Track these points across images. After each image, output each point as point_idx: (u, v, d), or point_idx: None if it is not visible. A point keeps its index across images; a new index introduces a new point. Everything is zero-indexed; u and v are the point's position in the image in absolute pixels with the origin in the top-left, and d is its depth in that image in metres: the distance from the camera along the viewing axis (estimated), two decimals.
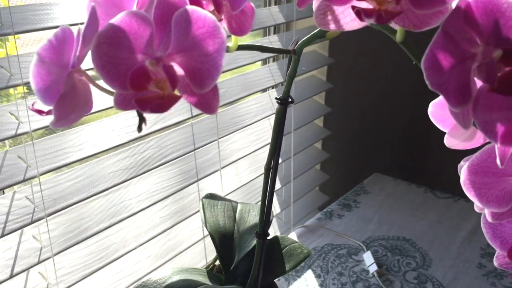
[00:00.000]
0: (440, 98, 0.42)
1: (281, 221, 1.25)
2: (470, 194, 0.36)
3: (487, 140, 0.35)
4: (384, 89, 1.55)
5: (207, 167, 0.97)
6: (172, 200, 0.94)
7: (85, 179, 0.77)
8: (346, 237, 1.06)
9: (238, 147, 1.05)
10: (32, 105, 0.33)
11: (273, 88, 1.17)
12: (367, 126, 1.52)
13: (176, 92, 0.31)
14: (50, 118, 0.31)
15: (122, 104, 0.32)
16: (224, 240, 0.68)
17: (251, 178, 1.08)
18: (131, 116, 0.83)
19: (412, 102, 1.63)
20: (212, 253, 1.02)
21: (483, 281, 0.92)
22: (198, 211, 0.96)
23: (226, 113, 1.02)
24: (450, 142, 0.43)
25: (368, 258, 0.97)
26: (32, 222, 0.69)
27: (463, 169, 0.37)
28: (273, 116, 1.18)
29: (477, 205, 0.37)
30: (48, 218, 0.72)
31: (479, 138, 0.42)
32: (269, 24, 1.03)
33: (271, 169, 0.53)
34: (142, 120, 0.33)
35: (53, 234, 0.75)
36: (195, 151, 0.97)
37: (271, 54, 1.05)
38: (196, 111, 0.90)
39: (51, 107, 0.31)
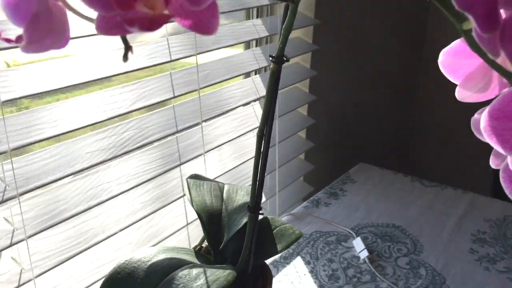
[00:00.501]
0: (452, 45, 0.39)
1: (266, 211, 1.21)
2: (492, 141, 0.33)
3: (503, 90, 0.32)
4: (368, 75, 1.53)
5: (190, 151, 0.92)
6: (154, 185, 0.90)
7: (61, 158, 0.72)
8: (335, 224, 1.03)
9: (221, 132, 1.01)
10: (0, 33, 0.28)
11: (256, 73, 1.13)
12: (351, 115, 1.50)
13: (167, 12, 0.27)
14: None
15: (105, 28, 0.27)
16: (211, 219, 0.63)
17: (235, 164, 1.04)
18: (110, 94, 0.78)
19: (398, 90, 1.62)
20: (196, 241, 0.97)
21: (476, 266, 0.90)
22: (182, 196, 0.92)
23: (210, 96, 0.98)
24: (462, 94, 0.40)
25: (358, 244, 0.94)
26: (3, 201, 0.63)
27: (483, 115, 0.33)
28: (257, 103, 1.14)
29: (501, 152, 0.33)
30: (21, 199, 0.67)
31: (494, 88, 0.39)
32: (253, 5, 0.99)
33: (263, 135, 0.49)
34: (128, 48, 0.29)
35: (27, 216, 0.69)
36: (178, 134, 0.93)
37: (254, 37, 1.02)
38: (178, 90, 0.86)
39: (21, 32, 0.27)
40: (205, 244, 0.68)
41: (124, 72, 0.76)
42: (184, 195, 0.92)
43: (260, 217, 0.58)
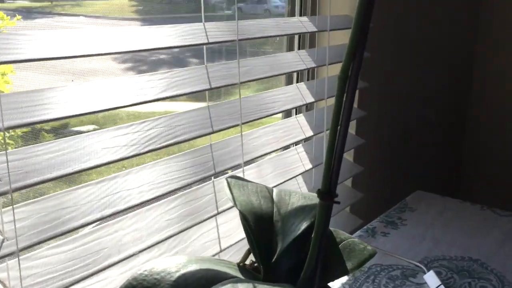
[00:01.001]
0: None
1: None
2: None
3: None
4: (420, 94, 1.38)
5: (226, 161, 0.77)
6: (183, 200, 0.74)
7: (71, 153, 0.58)
8: (398, 257, 0.84)
9: (262, 142, 0.86)
10: None
11: (298, 78, 0.99)
12: (404, 137, 1.34)
13: None
14: None
15: None
16: (260, 222, 0.47)
17: (277, 182, 0.88)
18: (135, 81, 0.65)
19: (454, 111, 1.45)
20: None
21: None
22: (215, 215, 0.76)
23: (251, 99, 0.84)
24: None
25: (432, 279, 0.76)
26: None
27: None
28: (301, 115, 1.00)
29: None
30: (16, 205, 0.53)
31: None
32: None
33: (347, 78, 0.34)
34: None
35: (22, 224, 0.54)
36: (212, 144, 0.78)
37: (301, 31, 0.88)
38: (216, 83, 0.72)
39: None
40: (249, 260, 0.51)
41: (157, 48, 0.63)
42: (218, 213, 0.76)
43: (334, 210, 0.41)
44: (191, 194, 0.76)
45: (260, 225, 0.47)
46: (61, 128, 0.83)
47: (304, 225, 0.46)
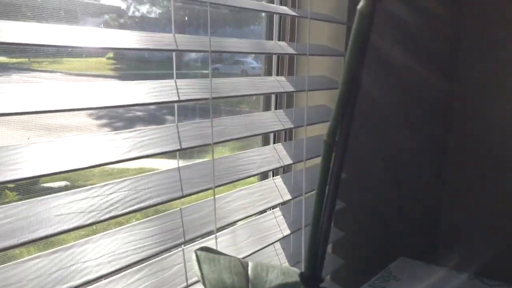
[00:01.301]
0: None
1: None
2: None
3: None
4: (399, 155, 1.35)
5: (197, 227, 0.71)
6: (149, 271, 0.67)
7: (18, 221, 0.51)
8: None
9: (236, 207, 0.80)
10: None
11: (275, 139, 0.95)
12: (386, 198, 1.30)
13: None
14: None
15: None
16: None
17: (253, 250, 0.81)
18: (99, 140, 0.59)
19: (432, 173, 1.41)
20: None
21: None
22: None
23: (225, 160, 0.78)
24: None
25: None
26: None
27: None
28: (279, 177, 0.94)
29: None
30: None
31: None
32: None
33: (334, 142, 0.29)
34: None
35: None
36: (182, 208, 0.72)
37: (278, 91, 0.85)
38: (186, 143, 0.67)
39: None
40: None
41: (123, 105, 0.58)
42: (188, 286, 0.69)
43: None
44: (157, 264, 0.69)
45: None
46: (30, 185, 0.76)
47: None
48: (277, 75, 1.03)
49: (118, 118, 0.88)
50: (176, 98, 0.64)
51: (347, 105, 0.27)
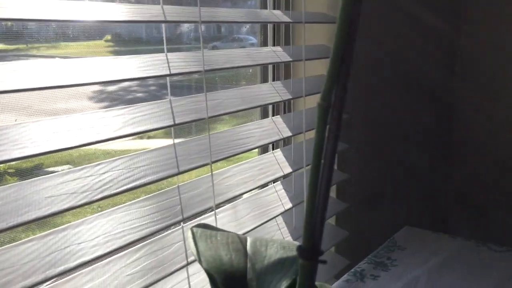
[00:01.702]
0: None
1: None
2: None
3: None
4: (403, 125, 1.33)
5: (196, 204, 0.69)
6: (148, 250, 0.66)
7: (6, 204, 0.49)
8: None
9: (236, 182, 0.78)
10: None
11: (274, 111, 0.92)
12: (390, 168, 1.28)
13: None
14: None
15: None
16: (231, 282, 0.39)
17: (254, 225, 0.79)
18: (86, 118, 0.57)
19: (439, 143, 1.40)
20: None
21: None
22: (185, 266, 0.67)
23: (222, 135, 0.76)
24: None
25: None
26: None
27: None
28: (279, 151, 0.92)
29: None
30: None
31: None
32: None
33: (330, 106, 0.27)
34: None
35: None
36: (180, 185, 0.70)
37: (274, 61, 0.82)
38: (180, 118, 0.65)
39: None
40: None
41: (112, 80, 0.55)
42: (188, 264, 0.67)
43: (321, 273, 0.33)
44: (156, 243, 0.67)
45: (230, 286, 0.39)
46: (33, 169, 0.75)
47: (283, 285, 0.38)
48: (273, 45, 1.00)
49: (119, 99, 0.86)
50: (167, 72, 0.62)
51: (343, 60, 0.25)
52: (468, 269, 0.87)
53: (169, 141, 0.73)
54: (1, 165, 0.71)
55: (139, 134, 0.59)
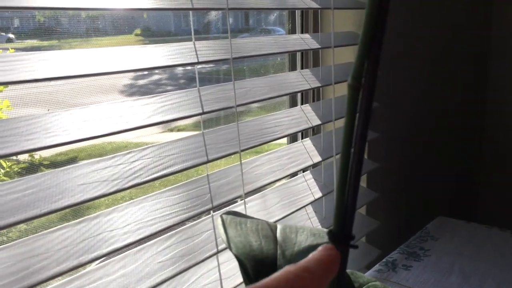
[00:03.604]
0: None
1: None
2: None
3: None
4: (435, 114, 1.30)
5: (225, 193, 0.69)
6: (178, 238, 0.66)
7: (40, 191, 0.50)
8: None
9: (265, 171, 0.77)
10: None
11: (303, 100, 0.91)
12: (422, 157, 1.25)
13: None
14: None
15: None
16: (261, 268, 0.39)
17: (283, 214, 0.79)
18: (117, 106, 0.57)
19: (470, 130, 1.36)
20: None
21: None
22: (215, 254, 0.67)
23: (250, 123, 0.76)
24: None
25: None
26: None
27: None
28: (308, 140, 0.91)
29: None
30: None
31: None
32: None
33: (361, 86, 0.26)
34: None
35: None
36: (209, 174, 0.70)
37: (303, 48, 0.81)
38: (208, 106, 0.65)
39: None
40: None
41: (140, 68, 0.55)
42: (219, 252, 0.68)
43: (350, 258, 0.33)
44: (187, 231, 0.68)
45: (260, 272, 0.38)
46: (69, 162, 0.77)
47: None
48: (301, 33, 0.99)
49: (149, 93, 0.87)
50: (195, 60, 0.62)
51: (374, 39, 0.24)
52: (502, 259, 0.85)
53: (193, 134, 0.74)
54: (37, 156, 0.73)
55: (168, 122, 0.59)
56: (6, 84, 0.43)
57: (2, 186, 0.49)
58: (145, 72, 0.81)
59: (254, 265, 0.38)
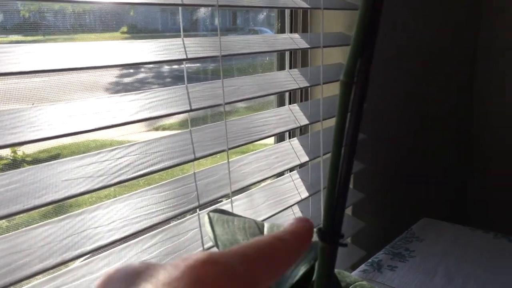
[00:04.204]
0: None
1: None
2: None
3: None
4: (421, 114, 1.31)
5: (212, 191, 0.69)
6: (164, 236, 0.65)
7: (23, 186, 0.49)
8: None
9: (252, 169, 0.77)
10: None
11: (291, 99, 0.91)
12: (408, 158, 1.26)
13: None
14: None
15: None
16: None
17: (270, 213, 0.79)
18: (109, 101, 0.56)
19: (456, 130, 1.38)
20: None
21: None
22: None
23: (238, 122, 0.76)
24: None
25: None
26: None
27: None
28: (295, 139, 0.91)
29: None
30: None
31: None
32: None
33: (353, 82, 0.26)
34: None
35: None
36: (196, 172, 0.70)
37: (292, 48, 0.80)
38: (196, 104, 0.64)
39: None
40: None
41: (128, 64, 0.55)
42: (204, 251, 0.67)
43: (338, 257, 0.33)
44: (172, 229, 0.67)
45: None
46: (51, 159, 0.75)
47: (302, 270, 0.37)
48: (290, 32, 0.99)
49: (136, 90, 0.86)
50: (184, 56, 0.61)
51: (368, 34, 0.24)
52: (487, 260, 0.85)
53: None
54: (19, 153, 0.72)
55: (156, 119, 0.58)
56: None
57: None
58: (131, 70, 0.80)
59: None
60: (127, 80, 0.81)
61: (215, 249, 0.72)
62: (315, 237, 0.38)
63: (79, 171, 0.54)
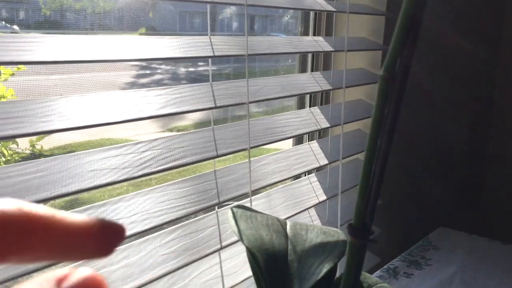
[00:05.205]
0: None
1: None
2: None
3: None
4: (440, 124, 1.30)
5: (232, 189, 0.69)
6: (183, 232, 0.66)
7: (51, 175, 0.50)
8: None
9: (272, 170, 0.77)
10: None
11: (311, 102, 0.91)
12: (425, 166, 1.25)
13: None
14: None
15: None
16: (272, 262, 0.38)
17: (287, 214, 0.79)
18: (136, 95, 0.57)
19: (474, 142, 1.36)
20: None
21: None
22: (217, 250, 0.67)
23: (260, 122, 0.76)
24: None
25: None
26: None
27: None
28: (315, 142, 0.91)
29: None
30: None
31: None
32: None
33: (393, 78, 0.26)
34: None
35: None
36: (216, 170, 0.70)
37: (316, 50, 0.81)
38: (221, 101, 0.65)
39: None
40: None
41: (156, 58, 0.55)
42: (222, 248, 0.67)
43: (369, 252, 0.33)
44: (191, 225, 0.67)
45: (272, 265, 0.38)
46: (68, 153, 0.76)
47: (326, 268, 0.37)
48: (314, 35, 0.99)
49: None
50: (210, 54, 0.62)
51: (411, 29, 0.24)
52: (503, 271, 0.84)
53: None
54: (38, 147, 0.73)
55: (181, 114, 0.59)
56: (26, 64, 0.43)
57: (12, 168, 0.48)
58: (147, 71, 0.81)
59: (266, 258, 0.38)
60: (143, 80, 0.82)
61: (233, 248, 0.72)
62: (342, 235, 0.38)
63: (105, 162, 0.54)
